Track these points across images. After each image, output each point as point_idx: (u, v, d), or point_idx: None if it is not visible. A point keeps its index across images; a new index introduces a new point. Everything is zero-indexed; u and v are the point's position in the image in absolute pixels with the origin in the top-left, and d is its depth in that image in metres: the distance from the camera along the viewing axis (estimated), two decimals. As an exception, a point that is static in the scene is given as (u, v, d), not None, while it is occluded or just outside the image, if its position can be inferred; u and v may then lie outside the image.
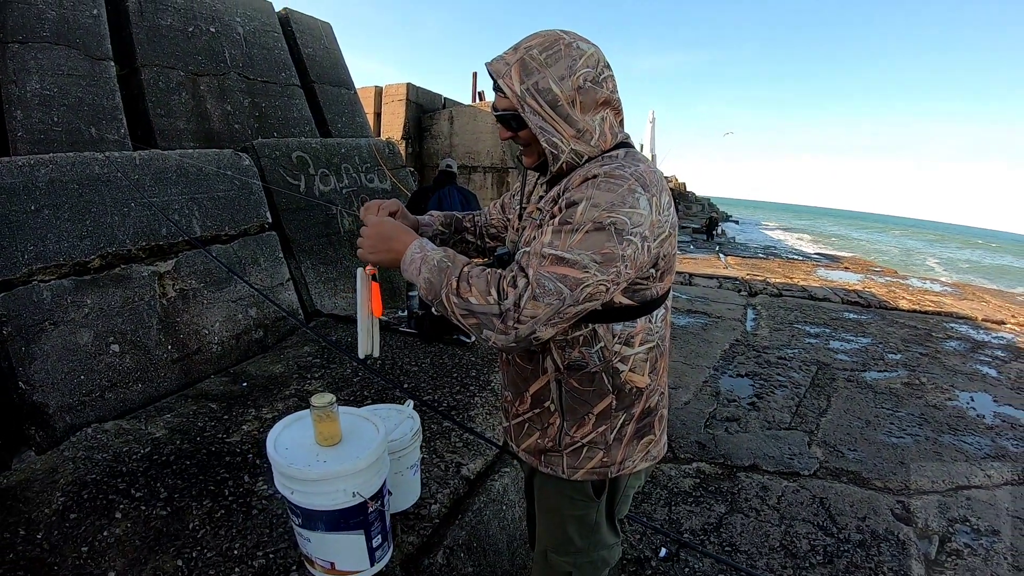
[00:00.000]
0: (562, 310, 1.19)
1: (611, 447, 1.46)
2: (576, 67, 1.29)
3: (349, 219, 5.20)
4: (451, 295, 1.24)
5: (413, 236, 1.40)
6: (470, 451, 2.68)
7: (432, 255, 1.31)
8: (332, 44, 6.85)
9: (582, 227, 1.19)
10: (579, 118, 1.31)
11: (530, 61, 1.29)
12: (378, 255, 1.42)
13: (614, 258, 1.19)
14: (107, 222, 3.27)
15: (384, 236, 1.41)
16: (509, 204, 1.77)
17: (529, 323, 1.18)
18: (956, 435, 4.51)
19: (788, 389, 5.29)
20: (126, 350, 3.15)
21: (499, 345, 1.22)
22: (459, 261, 1.29)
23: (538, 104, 1.29)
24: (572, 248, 1.18)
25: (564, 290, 1.17)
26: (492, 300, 1.19)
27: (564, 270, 1.18)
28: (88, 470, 2.42)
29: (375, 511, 1.73)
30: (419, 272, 1.30)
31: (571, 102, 1.30)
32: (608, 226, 1.19)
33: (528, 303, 1.17)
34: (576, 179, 1.29)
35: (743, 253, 17.68)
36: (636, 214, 1.21)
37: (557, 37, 1.31)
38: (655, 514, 3.28)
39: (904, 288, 11.50)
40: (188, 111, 4.81)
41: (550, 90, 1.28)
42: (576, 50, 1.30)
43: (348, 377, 3.45)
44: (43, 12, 3.96)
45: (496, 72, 1.33)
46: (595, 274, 1.19)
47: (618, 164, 1.27)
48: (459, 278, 1.24)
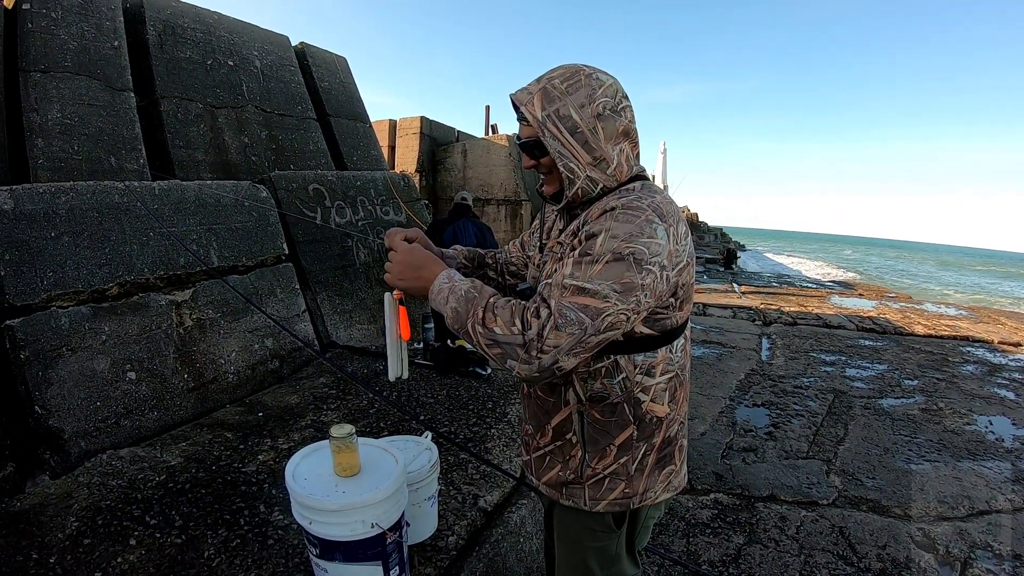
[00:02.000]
0: (584, 339, 1.19)
1: (632, 478, 1.45)
2: (595, 96, 1.33)
3: (364, 251, 5.23)
4: (477, 325, 1.25)
5: (442, 266, 1.42)
6: (487, 483, 2.66)
7: (460, 285, 1.32)
8: (347, 78, 6.96)
9: (602, 258, 1.21)
10: (597, 146, 1.34)
11: (552, 90, 1.34)
12: (407, 282, 1.44)
13: (634, 287, 1.21)
14: (126, 250, 3.30)
15: (414, 264, 1.43)
16: (528, 242, 1.79)
17: (552, 353, 1.18)
18: (975, 460, 4.44)
19: (805, 418, 5.23)
20: (142, 378, 3.16)
21: (523, 375, 1.22)
22: (486, 292, 1.30)
23: (558, 130, 1.33)
24: (592, 278, 1.20)
25: (586, 320, 1.18)
26: (516, 331, 1.20)
27: (585, 300, 1.19)
28: (103, 496, 2.41)
29: (393, 542, 1.71)
30: (447, 301, 1.32)
31: (591, 129, 1.33)
32: (627, 256, 1.20)
33: (551, 333, 1.17)
34: (595, 212, 1.31)
35: (756, 282, 17.63)
36: (654, 244, 1.23)
37: (578, 69, 1.36)
38: (673, 545, 3.24)
39: (919, 313, 11.40)
40: (206, 143, 4.88)
41: (570, 117, 1.32)
42: (596, 80, 1.34)
43: (364, 408, 3.44)
44: (65, 43, 4.05)
45: (519, 101, 1.38)
46: (616, 303, 1.20)
47: (635, 196, 1.30)
48: (485, 308, 1.25)
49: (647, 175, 1.48)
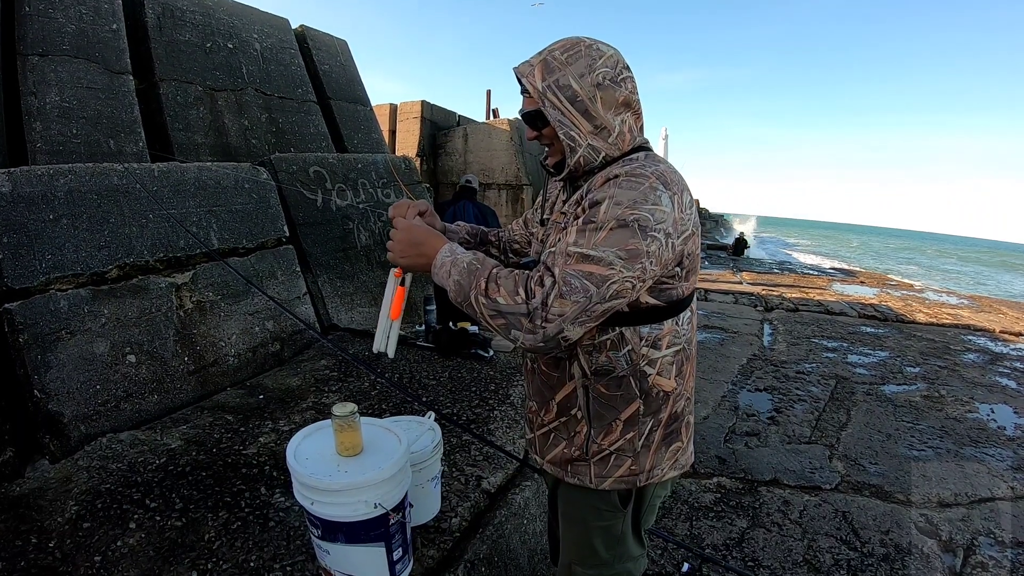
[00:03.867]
0: (589, 307, 1.18)
1: (639, 454, 1.43)
2: (595, 66, 1.33)
3: (366, 234, 5.20)
4: (480, 296, 1.23)
5: (443, 240, 1.40)
6: (490, 464, 2.65)
7: (462, 258, 1.31)
8: (348, 61, 6.90)
9: (606, 225, 1.20)
10: (598, 115, 1.33)
11: (552, 61, 1.34)
12: (408, 259, 1.42)
13: (639, 254, 1.19)
14: (125, 233, 3.27)
15: (415, 241, 1.41)
16: (532, 219, 1.78)
17: (557, 321, 1.17)
18: (977, 447, 4.44)
19: (807, 403, 5.22)
20: (142, 361, 3.14)
21: (528, 345, 1.21)
22: (488, 263, 1.29)
23: (558, 99, 1.33)
24: (597, 245, 1.19)
25: (591, 287, 1.17)
26: (520, 300, 1.19)
27: (590, 267, 1.18)
28: (102, 480, 2.40)
29: (396, 523, 1.69)
30: (449, 275, 1.30)
31: (591, 98, 1.32)
32: (631, 223, 1.19)
33: (555, 301, 1.16)
34: (598, 180, 1.31)
35: (758, 268, 17.58)
36: (659, 211, 1.22)
37: (579, 40, 1.36)
38: (676, 529, 3.23)
39: (920, 301, 11.37)
40: (206, 125, 4.84)
41: (569, 86, 1.32)
42: (595, 51, 1.34)
43: (366, 390, 3.42)
44: (63, 26, 4.00)
45: (521, 73, 1.38)
46: (621, 270, 1.18)
47: (639, 164, 1.29)
48: (488, 279, 1.24)
49: (650, 146, 1.46)
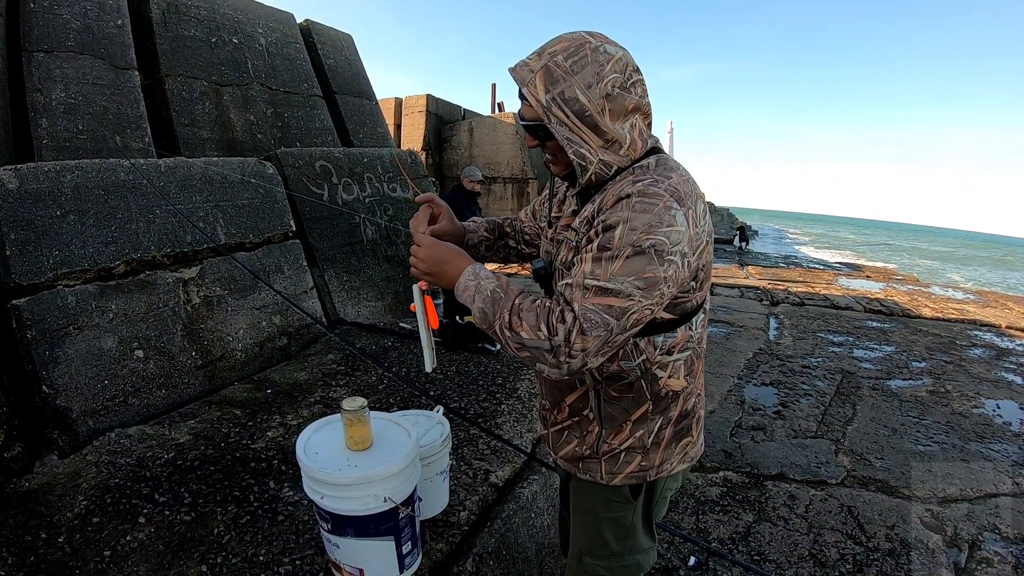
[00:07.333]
0: (610, 340, 1.17)
1: (649, 451, 1.44)
2: (604, 73, 1.23)
3: (372, 228, 5.20)
4: (504, 328, 1.22)
5: (467, 260, 1.36)
6: (498, 458, 2.65)
7: (485, 284, 1.27)
8: (353, 55, 6.90)
9: (621, 252, 1.17)
10: (608, 128, 1.26)
11: (555, 68, 1.24)
12: (433, 278, 1.39)
13: (656, 281, 1.17)
14: (132, 228, 3.28)
15: (439, 260, 1.37)
16: (540, 211, 1.73)
17: (580, 356, 1.16)
18: (983, 443, 4.43)
19: (813, 398, 5.22)
20: (150, 356, 3.15)
21: (554, 377, 1.21)
22: (511, 292, 1.26)
23: (564, 115, 1.24)
24: (614, 276, 1.16)
25: (611, 321, 1.16)
26: (543, 336, 1.17)
27: (608, 300, 1.16)
28: (111, 474, 2.41)
29: (406, 517, 1.70)
30: (473, 300, 1.28)
31: (600, 111, 1.25)
32: (648, 249, 1.16)
33: (577, 338, 1.15)
34: (610, 199, 1.25)
35: (763, 263, 17.56)
36: (674, 232, 1.18)
37: (583, 41, 1.25)
38: (683, 523, 3.24)
39: (926, 296, 11.33)
40: (212, 121, 4.85)
41: (577, 100, 1.23)
42: (603, 55, 1.24)
43: (373, 385, 3.43)
44: (68, 22, 4.01)
45: (520, 80, 1.28)
46: (639, 300, 1.17)
47: (651, 179, 1.23)
48: (511, 311, 1.22)
49: (661, 147, 1.40)
